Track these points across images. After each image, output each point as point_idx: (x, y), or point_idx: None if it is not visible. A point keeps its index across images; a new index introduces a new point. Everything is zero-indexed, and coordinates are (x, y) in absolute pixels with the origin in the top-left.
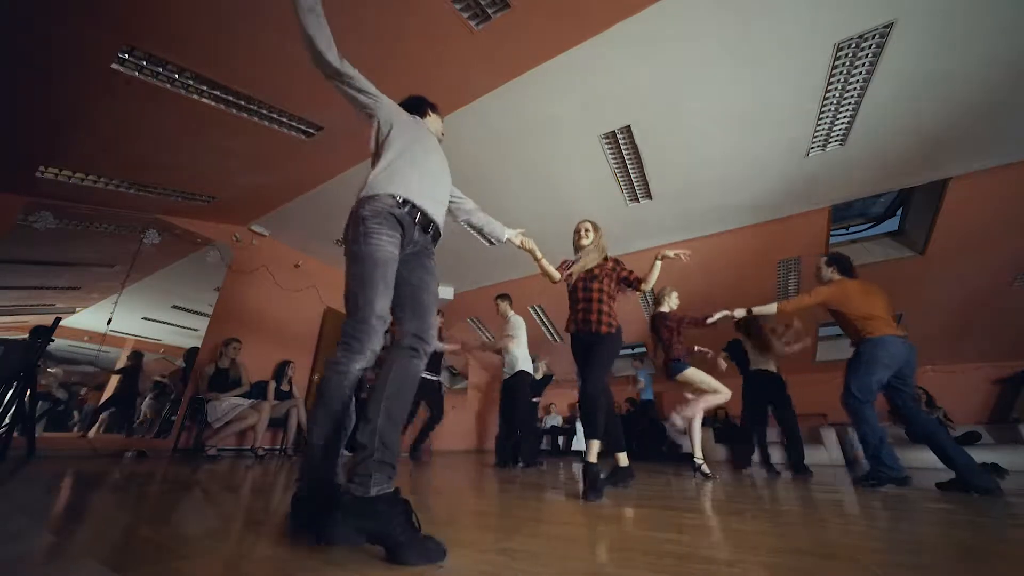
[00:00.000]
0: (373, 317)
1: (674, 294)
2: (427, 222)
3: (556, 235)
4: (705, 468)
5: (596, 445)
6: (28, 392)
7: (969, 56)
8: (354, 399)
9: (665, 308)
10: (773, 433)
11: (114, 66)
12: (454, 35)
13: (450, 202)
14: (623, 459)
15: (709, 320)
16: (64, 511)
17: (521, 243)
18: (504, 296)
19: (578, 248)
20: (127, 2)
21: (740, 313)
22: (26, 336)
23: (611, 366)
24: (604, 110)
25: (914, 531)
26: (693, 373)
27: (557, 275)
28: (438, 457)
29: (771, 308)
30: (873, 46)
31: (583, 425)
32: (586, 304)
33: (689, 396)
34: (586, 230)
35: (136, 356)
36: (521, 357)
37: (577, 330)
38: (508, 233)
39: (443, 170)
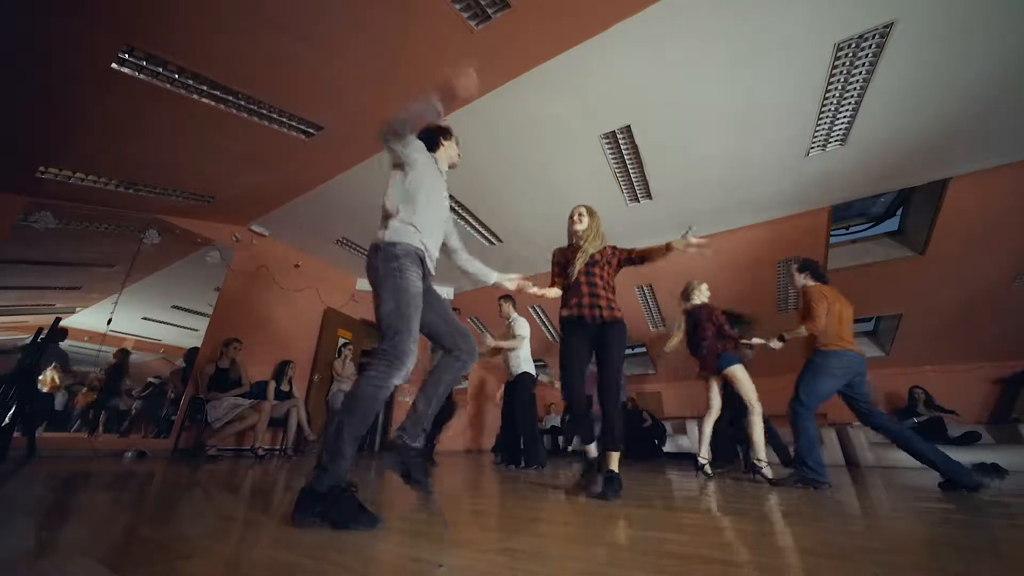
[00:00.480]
0: (411, 340)
1: (703, 285)
2: (433, 260)
3: (556, 236)
4: (708, 468)
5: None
6: (28, 392)
7: (969, 56)
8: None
9: (702, 299)
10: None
11: (114, 66)
12: (454, 35)
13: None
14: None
15: (743, 341)
16: (64, 511)
17: (516, 286)
18: (507, 297)
19: (572, 234)
20: (127, 2)
21: (777, 345)
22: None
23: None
24: (604, 110)
25: (913, 531)
26: (742, 373)
27: (557, 291)
28: (438, 456)
29: (801, 331)
30: (873, 46)
31: (605, 425)
32: (592, 289)
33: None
34: (579, 215)
35: (122, 354)
36: (524, 359)
37: (581, 315)
38: (495, 277)
39: (447, 210)
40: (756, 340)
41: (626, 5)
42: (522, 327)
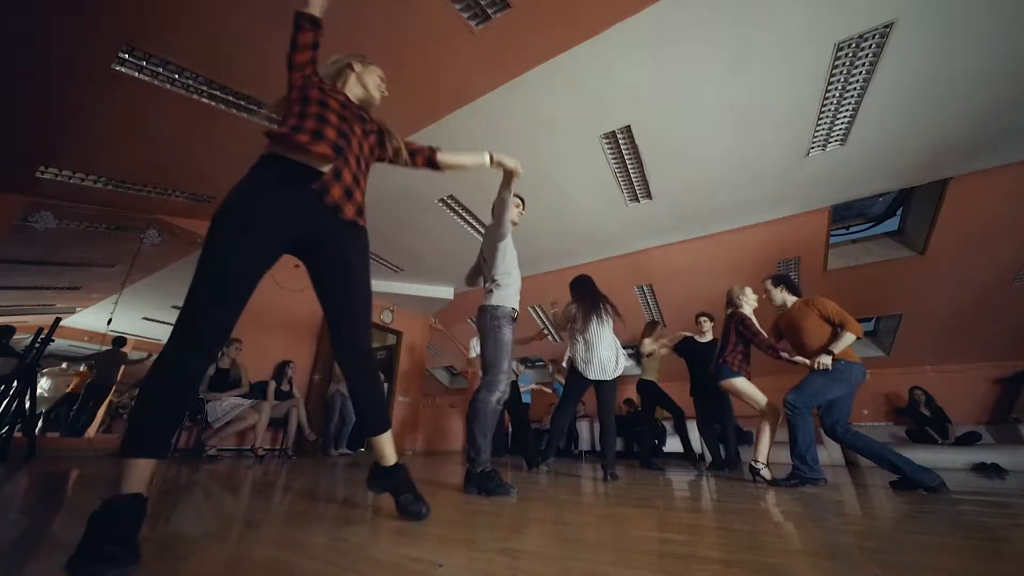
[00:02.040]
0: (505, 372)
1: (748, 290)
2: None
3: (554, 234)
4: (765, 472)
5: None
6: (28, 393)
7: (969, 56)
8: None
9: (747, 310)
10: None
11: (114, 66)
12: (455, 35)
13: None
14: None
15: (783, 355)
16: (64, 511)
17: (515, 165)
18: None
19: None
20: (128, 2)
21: (827, 361)
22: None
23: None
24: (604, 110)
25: (914, 531)
26: (741, 383)
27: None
28: (438, 456)
29: (849, 338)
30: (873, 46)
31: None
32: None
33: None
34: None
35: (118, 342)
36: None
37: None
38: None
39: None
40: (799, 358)
41: (626, 5)
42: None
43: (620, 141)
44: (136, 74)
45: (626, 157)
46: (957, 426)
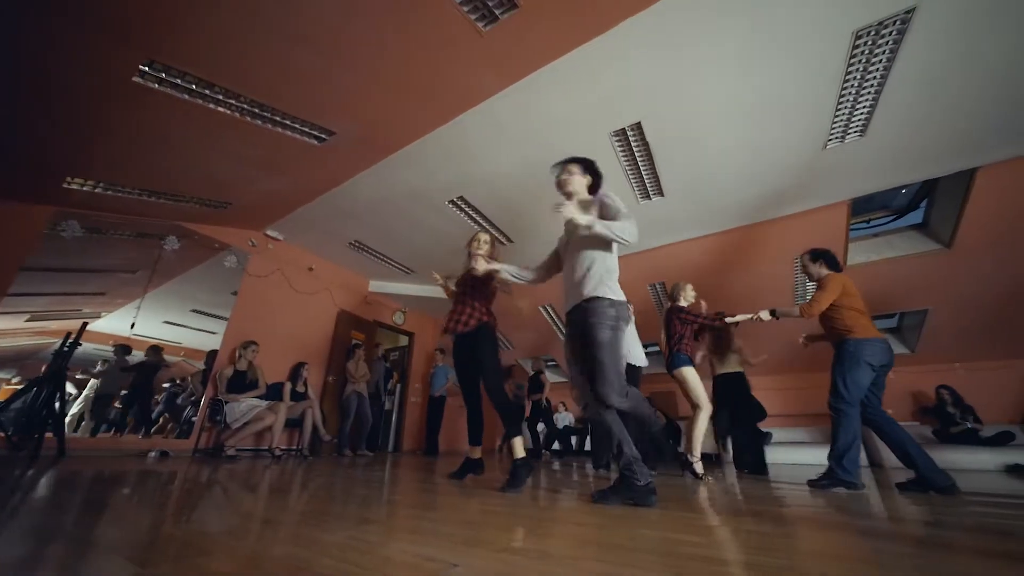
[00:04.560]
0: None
1: (688, 287)
2: None
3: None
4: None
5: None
6: (58, 395)
7: (995, 39)
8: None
9: (683, 303)
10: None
11: (135, 79)
12: (462, 37)
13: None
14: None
15: (729, 319)
16: (92, 508)
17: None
18: None
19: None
20: (146, 18)
21: (765, 316)
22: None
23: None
24: (614, 107)
25: (941, 535)
26: (691, 375)
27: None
28: (457, 457)
29: (794, 311)
30: (894, 32)
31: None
32: None
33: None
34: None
35: (154, 351)
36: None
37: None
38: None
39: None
40: (740, 316)
41: (634, 1)
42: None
43: (631, 138)
44: (156, 86)
45: (637, 154)
46: (989, 426)
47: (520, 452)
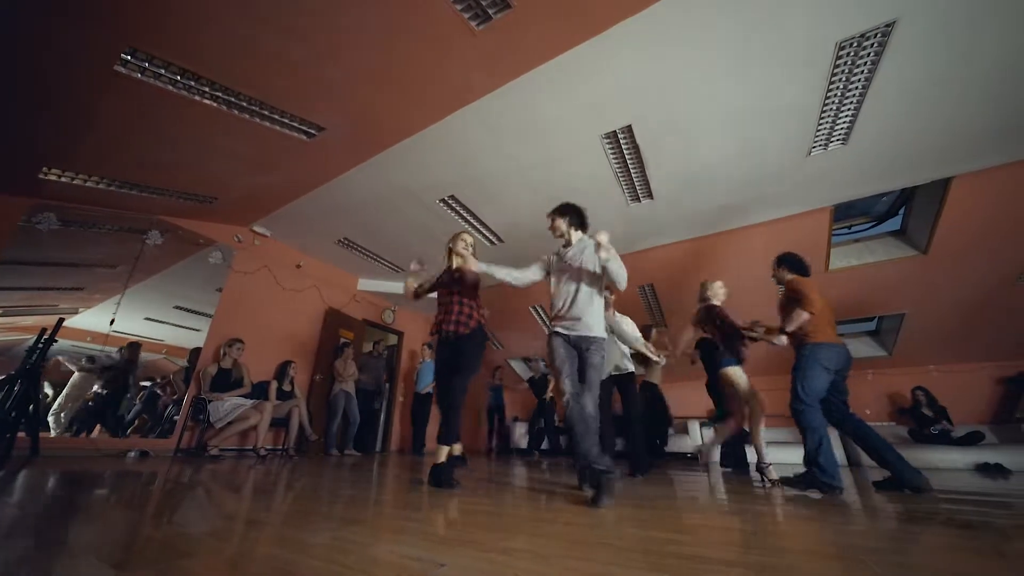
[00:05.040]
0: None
1: (717, 284)
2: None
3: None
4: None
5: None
6: (32, 393)
7: (971, 55)
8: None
9: (716, 301)
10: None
11: (117, 68)
12: (456, 35)
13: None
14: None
15: (750, 335)
16: (67, 510)
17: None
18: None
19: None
20: (129, 4)
21: (782, 341)
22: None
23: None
24: (605, 110)
25: (912, 531)
26: (740, 375)
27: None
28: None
29: (804, 316)
30: (875, 45)
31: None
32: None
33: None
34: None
35: (132, 348)
36: (626, 352)
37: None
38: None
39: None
40: (760, 333)
41: (626, 5)
42: (630, 326)
43: (621, 141)
44: (139, 76)
45: (627, 157)
46: (960, 426)
47: (443, 458)
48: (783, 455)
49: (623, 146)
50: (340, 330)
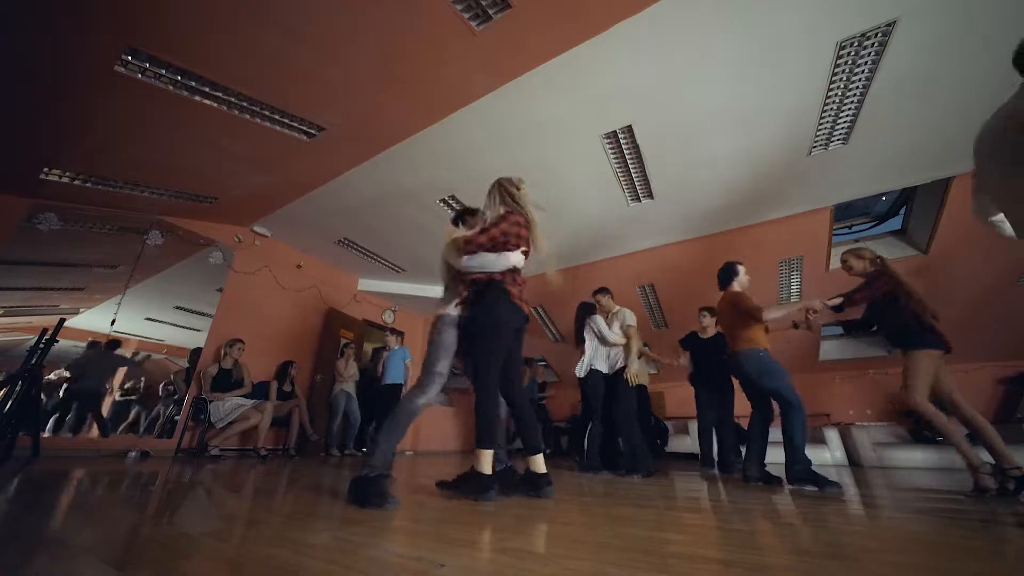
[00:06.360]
0: (438, 374)
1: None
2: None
3: (556, 235)
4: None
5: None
6: (33, 393)
7: (972, 54)
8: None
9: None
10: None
11: (117, 68)
12: (456, 36)
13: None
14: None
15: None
16: (67, 510)
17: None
18: (605, 290)
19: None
20: (128, 5)
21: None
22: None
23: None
24: (605, 110)
25: (917, 532)
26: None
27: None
28: (439, 457)
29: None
30: (876, 44)
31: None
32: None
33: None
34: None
35: (109, 345)
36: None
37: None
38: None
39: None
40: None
41: (626, 5)
42: (631, 317)
43: (622, 141)
44: (139, 76)
45: (628, 157)
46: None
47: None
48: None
49: (623, 146)
50: (341, 330)
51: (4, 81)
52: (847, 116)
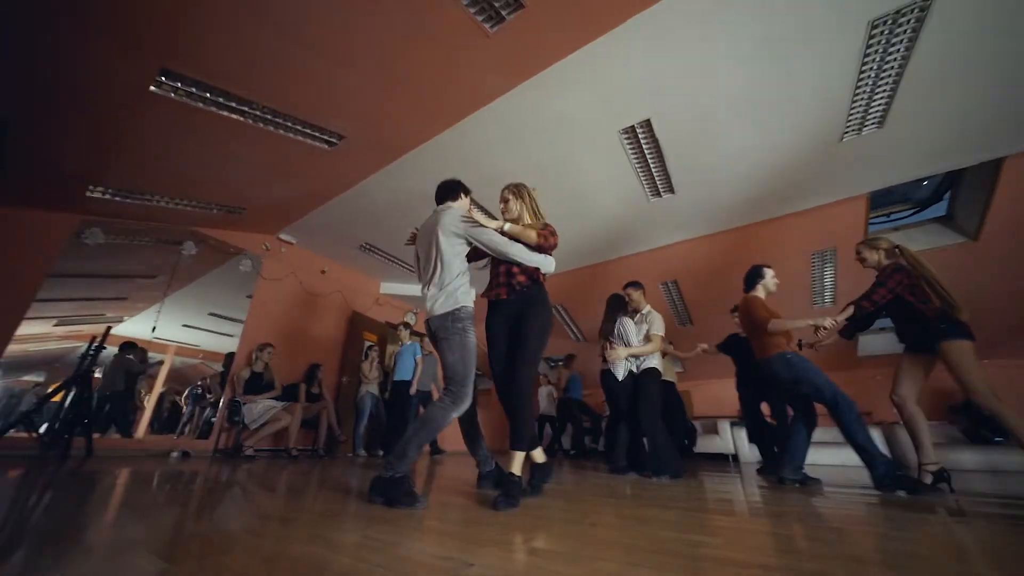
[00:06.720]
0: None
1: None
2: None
3: (575, 232)
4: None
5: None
6: (85, 396)
7: (1017, 25)
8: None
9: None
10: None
11: (152, 88)
12: (469, 38)
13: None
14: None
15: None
16: (120, 506)
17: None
18: (637, 284)
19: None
20: (160, 29)
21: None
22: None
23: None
24: (622, 105)
25: (970, 538)
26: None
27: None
28: (461, 457)
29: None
30: (912, 21)
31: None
32: (508, 267)
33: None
34: (504, 199)
35: (128, 348)
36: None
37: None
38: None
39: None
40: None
41: None
42: (659, 325)
43: (640, 135)
44: (172, 95)
45: (646, 151)
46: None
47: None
48: (816, 456)
49: (642, 141)
50: (364, 333)
51: (51, 106)
52: (882, 99)
